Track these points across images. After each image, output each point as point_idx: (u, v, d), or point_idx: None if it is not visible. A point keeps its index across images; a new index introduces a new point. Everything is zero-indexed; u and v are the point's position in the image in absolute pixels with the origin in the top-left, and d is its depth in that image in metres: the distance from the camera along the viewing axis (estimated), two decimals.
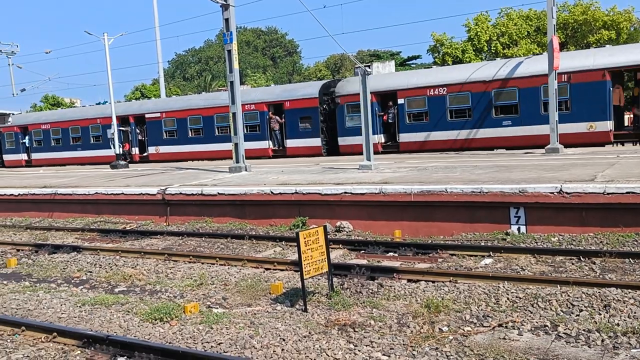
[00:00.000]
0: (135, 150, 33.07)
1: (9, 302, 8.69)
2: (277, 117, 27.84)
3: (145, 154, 32.73)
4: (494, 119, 22.39)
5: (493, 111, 22.41)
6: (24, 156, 37.98)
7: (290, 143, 27.43)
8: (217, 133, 29.30)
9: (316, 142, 26.70)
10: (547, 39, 19.11)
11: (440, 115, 23.50)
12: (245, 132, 25.81)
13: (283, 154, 27.54)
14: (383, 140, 25.66)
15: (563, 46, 35.57)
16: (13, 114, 37.75)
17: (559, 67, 18.83)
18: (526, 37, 43.06)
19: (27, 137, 37.53)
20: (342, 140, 26.08)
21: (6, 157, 38.93)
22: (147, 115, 32.20)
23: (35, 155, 37.11)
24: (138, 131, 33.07)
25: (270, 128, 27.92)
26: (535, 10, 43.50)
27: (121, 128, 32.14)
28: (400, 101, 24.53)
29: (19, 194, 18.94)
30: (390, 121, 25.22)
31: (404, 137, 24.68)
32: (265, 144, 28.04)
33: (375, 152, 22.51)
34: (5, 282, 10.23)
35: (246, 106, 26.56)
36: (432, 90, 23.69)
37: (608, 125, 20.52)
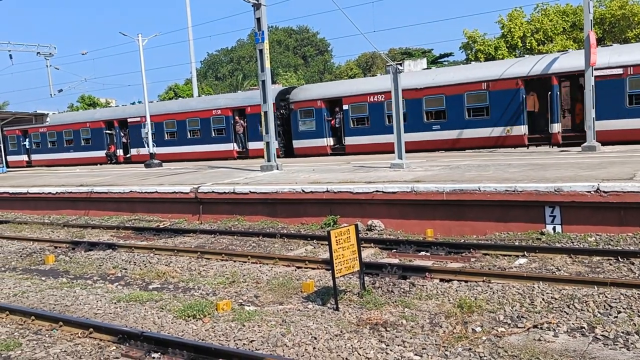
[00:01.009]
0: (120, 152, 35.40)
1: (47, 298, 8.90)
2: (241, 121, 29.65)
3: (128, 155, 34.90)
4: (425, 124, 24.19)
5: (424, 116, 24.24)
6: (25, 157, 40.40)
7: (252, 145, 29.22)
8: (189, 136, 31.61)
9: (327, 141, 28.04)
10: (584, 34, 18.70)
11: (379, 120, 25.37)
12: (213, 135, 30.56)
13: (246, 156, 29.35)
14: (332, 143, 27.57)
15: (600, 42, 34.77)
16: (54, 113, 39.62)
17: (489, 74, 21.56)
18: (562, 33, 42.26)
19: (27, 140, 39.83)
20: (296, 143, 28.19)
21: (9, 158, 40.77)
22: (129, 120, 34.39)
23: (34, 157, 39.75)
24: (122, 134, 35.26)
25: (235, 131, 29.86)
26: (571, 6, 42.69)
27: (107, 131, 35.31)
28: (345, 107, 26.34)
29: (57, 193, 19.36)
30: (337, 125, 26.95)
31: (349, 141, 26.50)
32: (231, 146, 30.08)
33: (325, 154, 27.01)
34: (43, 278, 10.48)
35: (213, 111, 30.40)
36: (372, 97, 25.49)
37: (522, 129, 22.22)
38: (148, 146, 28.89)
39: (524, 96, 22.17)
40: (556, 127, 21.88)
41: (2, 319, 7.90)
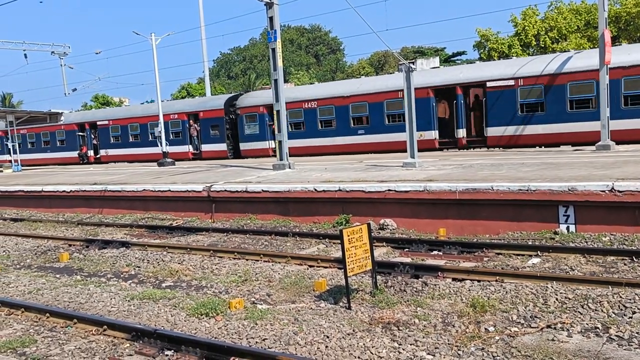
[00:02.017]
0: (91, 153, 38.03)
1: (62, 295, 8.98)
2: (195, 125, 32.25)
3: (98, 156, 37.56)
4: (351, 129, 26.43)
5: (351, 122, 26.45)
6: (7, 157, 41.97)
7: (204, 147, 32.02)
8: (150, 138, 33.77)
9: (223, 146, 31.33)
10: (599, 32, 18.54)
11: (313, 124, 27.70)
12: (171, 137, 32.78)
13: (200, 157, 31.92)
14: (273, 146, 28.74)
15: (615, 40, 34.42)
16: (70, 112, 40.87)
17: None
18: (576, 32, 41.92)
19: (9, 140, 41.38)
20: (243, 145, 30.68)
21: None
22: (98, 123, 37.16)
23: (15, 157, 41.19)
24: (93, 136, 37.93)
25: (190, 134, 32.47)
26: (585, 3, 42.32)
27: (79, 133, 38.10)
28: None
29: (71, 191, 19.53)
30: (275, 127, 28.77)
31: (288, 143, 27.76)
32: (186, 148, 32.73)
33: (267, 156, 28.97)
34: (58, 275, 10.58)
35: (171, 115, 32.74)
36: (306, 104, 27.87)
37: (433, 134, 24.48)
38: (161, 145, 29.08)
39: (434, 104, 24.41)
40: (461, 132, 24.12)
41: (17, 316, 7.99)
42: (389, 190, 12.73)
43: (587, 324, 6.36)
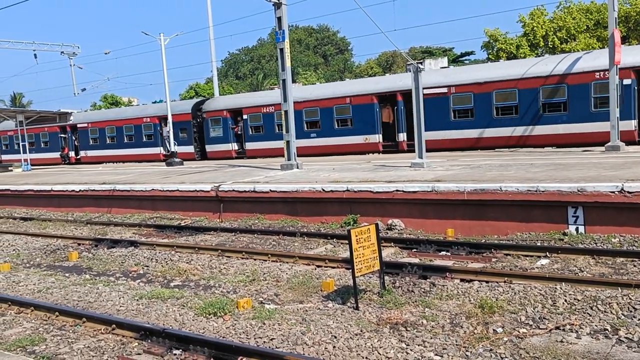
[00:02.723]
0: (72, 154, 39.73)
1: (71, 294, 9.03)
2: (166, 128, 32.84)
3: (79, 157, 39.32)
4: (305, 132, 27.82)
5: (304, 126, 27.98)
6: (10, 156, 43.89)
7: (209, 148, 33.24)
8: (125, 140, 36.06)
9: (191, 149, 33.00)
10: (608, 32, 18.44)
11: (271, 128, 29.37)
12: (144, 140, 34.96)
13: (203, 157, 33.37)
14: (236, 148, 31.62)
15: (625, 40, 34.22)
16: (79, 112, 42.10)
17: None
18: (585, 31, 41.68)
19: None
20: (208, 147, 32.55)
21: None
22: (78, 125, 38.72)
23: (3, 156, 43.25)
24: (74, 138, 39.80)
25: (161, 137, 34.07)
26: (595, 3, 42.07)
27: (61, 135, 39.84)
28: (245, 117, 30.66)
29: (80, 190, 19.63)
30: (239, 132, 31.14)
31: (249, 146, 30.69)
32: (158, 150, 34.49)
33: (230, 157, 30.77)
34: (67, 274, 10.63)
35: (144, 119, 34.95)
36: (265, 108, 29.64)
37: (377, 138, 26.01)
38: (169, 145, 29.25)
39: (378, 110, 25.90)
40: (402, 136, 25.74)
41: (27, 315, 8.05)
42: (397, 190, 12.71)
43: (596, 325, 6.33)
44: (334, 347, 6.12)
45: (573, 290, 7.46)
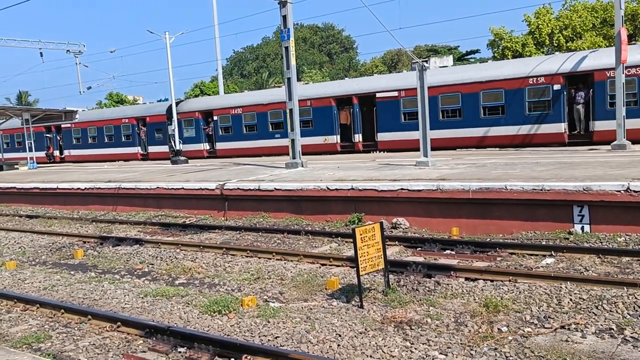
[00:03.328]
0: (57, 153, 41.24)
1: (76, 292, 9.06)
2: (144, 129, 35.64)
3: (63, 156, 40.84)
4: (270, 132, 29.84)
5: (269, 127, 29.81)
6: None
7: (151, 149, 35.45)
8: (105, 140, 37.89)
9: (166, 148, 33.57)
10: (615, 30, 18.36)
11: (239, 128, 31.09)
12: (123, 140, 36.66)
13: (147, 158, 35.43)
14: (207, 147, 33.14)
15: (631, 38, 34.02)
16: (85, 110, 43.40)
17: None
18: (591, 30, 41.50)
19: None
20: (218, 146, 33.60)
21: None
22: (62, 126, 40.00)
23: (30, 154, 44.54)
24: (59, 137, 41.36)
25: (139, 137, 35.89)
26: (601, 2, 41.88)
27: (47, 135, 41.33)
28: (215, 118, 32.27)
29: (85, 188, 19.69)
30: (210, 133, 32.65)
31: (219, 146, 32.38)
32: (136, 150, 36.25)
33: (202, 157, 32.30)
34: (72, 272, 10.67)
35: (123, 120, 36.75)
36: (234, 110, 31.25)
37: (335, 138, 27.66)
38: (175, 144, 29.30)
39: (336, 112, 27.41)
40: (357, 137, 27.38)
41: (32, 312, 8.08)
42: (402, 189, 12.70)
43: (601, 325, 6.31)
44: (339, 345, 6.12)
45: (578, 289, 7.44)
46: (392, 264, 8.79)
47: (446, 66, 28.79)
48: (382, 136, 26.21)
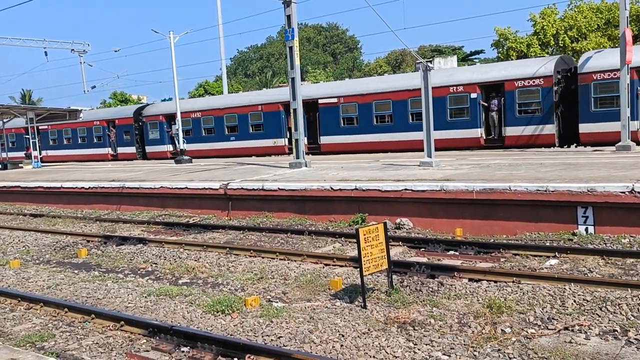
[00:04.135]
0: (35, 153, 41.29)
1: (80, 291, 9.08)
2: (114, 131, 37.52)
3: (41, 156, 40.08)
4: (225, 135, 32.05)
5: (225, 130, 31.98)
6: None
7: (120, 150, 37.50)
8: (79, 141, 39.97)
9: (133, 149, 36.65)
10: (620, 31, 18.32)
11: (198, 131, 33.35)
12: (95, 141, 38.90)
13: (116, 158, 37.40)
14: (171, 149, 34.60)
15: (636, 39, 33.95)
16: (89, 109, 43.17)
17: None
18: (596, 30, 41.37)
19: None
20: (148, 149, 36.22)
21: None
22: (40, 127, 40.56)
23: (35, 153, 45.98)
24: (37, 139, 40.81)
25: (109, 138, 37.90)
26: (606, 3, 41.74)
27: (26, 136, 40.40)
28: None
29: (89, 187, 19.73)
30: (174, 135, 33.28)
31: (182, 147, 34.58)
32: (106, 150, 38.31)
33: (165, 158, 34.21)
34: (76, 271, 10.70)
35: (94, 122, 38.70)
36: (194, 114, 33.48)
37: (284, 141, 29.37)
38: (179, 143, 29.40)
39: (284, 116, 28.80)
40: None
41: (36, 311, 8.10)
42: (406, 189, 12.69)
43: (605, 326, 6.30)
44: (342, 345, 6.12)
45: (582, 290, 7.42)
46: (395, 264, 8.78)
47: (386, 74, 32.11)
48: (324, 139, 28.21)
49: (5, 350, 5.20)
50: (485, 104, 23.76)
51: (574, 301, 7.10)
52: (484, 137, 23.80)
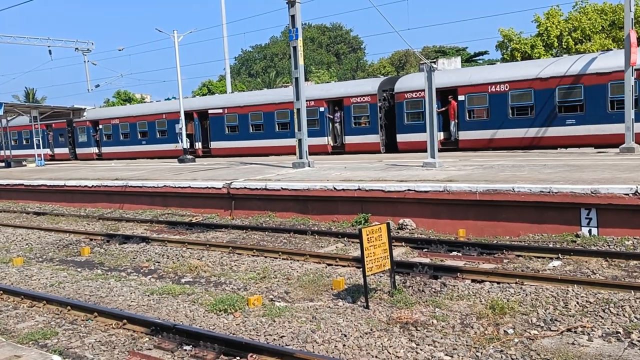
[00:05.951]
0: (39, 151, 44.90)
1: (83, 289, 9.10)
2: (51, 133, 41.11)
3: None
4: (138, 140, 36.48)
5: (138, 135, 36.36)
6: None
7: (56, 151, 42.35)
8: (24, 143, 43.81)
9: (67, 150, 41.55)
10: (624, 33, 18.27)
11: (117, 136, 37.85)
12: (35, 142, 39.48)
13: (54, 159, 41.31)
14: (96, 151, 39.05)
15: None
16: (93, 108, 44.30)
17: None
18: (600, 32, 41.28)
19: None
20: (78, 150, 40.90)
21: None
22: (8, 127, 42.29)
23: (38, 152, 47.38)
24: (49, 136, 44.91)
25: (48, 140, 41.31)
26: (610, 4, 41.67)
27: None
28: (100, 127, 39.08)
29: (93, 186, 19.76)
30: (97, 139, 38.02)
31: (104, 150, 38.91)
32: (46, 150, 39.97)
33: (91, 159, 38.65)
34: (79, 269, 10.71)
35: (35, 125, 39.23)
36: (114, 120, 37.83)
37: (180, 145, 30.45)
38: (182, 142, 29.42)
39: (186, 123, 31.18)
40: (197, 145, 33.83)
41: (39, 309, 8.12)
42: (409, 190, 12.68)
43: (608, 328, 6.28)
44: (344, 345, 6.12)
45: (585, 292, 7.40)
46: (398, 264, 8.78)
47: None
48: (214, 144, 32.65)
49: (8, 348, 5.21)
50: (331, 117, 27.94)
51: (577, 303, 7.09)
52: (331, 145, 28.18)
